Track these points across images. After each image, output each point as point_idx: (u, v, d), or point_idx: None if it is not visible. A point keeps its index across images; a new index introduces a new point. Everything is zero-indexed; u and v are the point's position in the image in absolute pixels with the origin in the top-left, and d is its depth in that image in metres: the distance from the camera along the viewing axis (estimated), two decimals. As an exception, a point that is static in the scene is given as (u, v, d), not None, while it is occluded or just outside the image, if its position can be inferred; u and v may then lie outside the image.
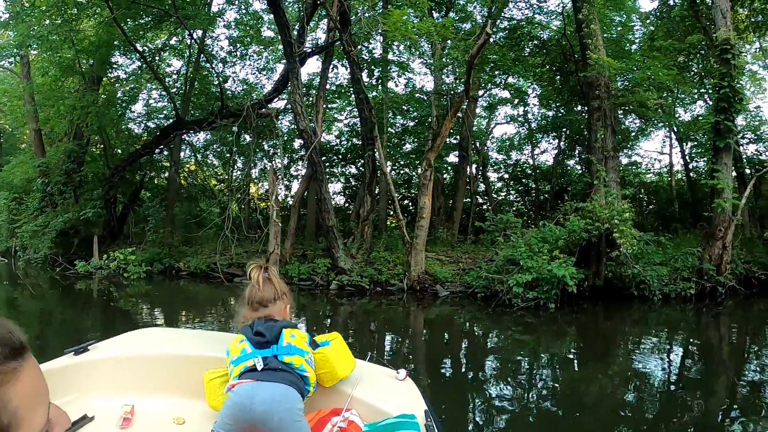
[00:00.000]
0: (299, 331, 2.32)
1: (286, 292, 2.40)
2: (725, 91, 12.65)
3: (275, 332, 2.21)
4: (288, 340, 2.20)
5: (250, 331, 2.24)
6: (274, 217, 12.52)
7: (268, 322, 2.26)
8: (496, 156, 23.64)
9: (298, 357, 2.17)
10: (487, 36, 10.12)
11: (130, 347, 2.66)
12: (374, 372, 2.55)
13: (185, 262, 16.69)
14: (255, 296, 2.33)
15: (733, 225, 12.84)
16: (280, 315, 2.32)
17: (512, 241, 11.70)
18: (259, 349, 2.17)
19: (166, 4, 14.02)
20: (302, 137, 12.90)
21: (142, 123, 21.40)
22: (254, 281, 2.37)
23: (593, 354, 8.61)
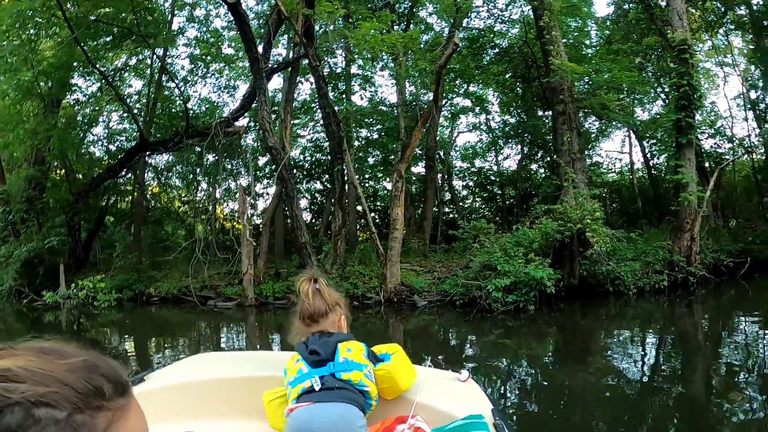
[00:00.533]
0: (355, 343, 2.20)
1: (339, 302, 2.26)
2: (685, 89, 12.99)
3: (330, 349, 2.10)
4: (344, 355, 2.10)
5: (305, 349, 2.15)
6: (247, 237, 12.17)
7: (323, 337, 2.15)
8: (460, 164, 23.80)
9: (356, 372, 2.08)
10: (455, 46, 10.13)
11: (187, 374, 2.61)
12: (435, 376, 2.48)
13: (156, 288, 16.11)
14: (306, 311, 2.20)
15: (699, 217, 13.15)
16: (334, 327, 2.20)
17: (487, 247, 11.64)
18: (315, 368, 2.09)
19: (128, 23, 13.62)
20: (271, 154, 12.62)
21: (103, 146, 20.75)
22: (304, 295, 2.22)
23: (576, 351, 8.66)
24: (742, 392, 5.62)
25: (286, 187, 12.71)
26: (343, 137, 12.62)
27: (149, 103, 18.15)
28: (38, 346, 0.65)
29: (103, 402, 0.63)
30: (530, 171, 22.23)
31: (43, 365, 0.61)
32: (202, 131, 14.02)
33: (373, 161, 20.99)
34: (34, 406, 0.57)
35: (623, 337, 9.49)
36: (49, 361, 0.62)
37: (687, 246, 13.18)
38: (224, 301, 14.56)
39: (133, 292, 16.23)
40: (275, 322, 13.03)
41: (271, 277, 14.11)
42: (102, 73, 15.72)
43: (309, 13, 10.83)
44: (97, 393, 0.62)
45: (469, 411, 1.99)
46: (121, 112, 20.03)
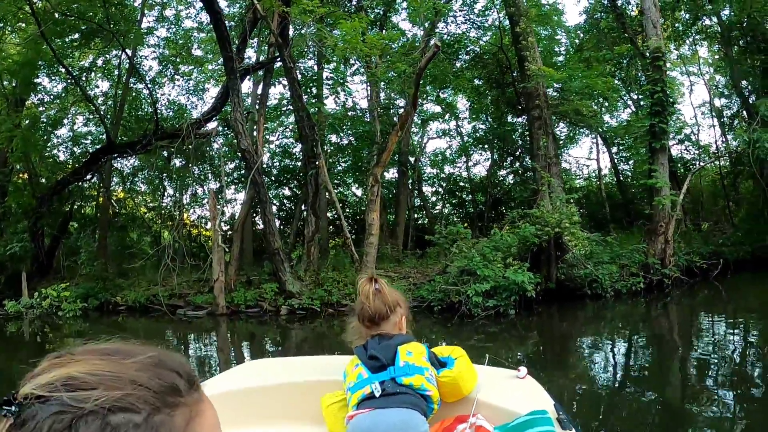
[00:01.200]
0: (416, 344, 2.10)
1: (399, 302, 2.18)
2: (659, 96, 13.04)
3: (390, 353, 2.02)
4: (405, 359, 2.01)
5: (364, 353, 2.07)
6: (219, 243, 11.59)
7: (383, 340, 2.07)
8: (430, 170, 23.57)
9: (417, 376, 1.98)
10: (436, 48, 9.84)
11: (241, 381, 2.51)
12: (494, 374, 2.42)
13: (122, 296, 15.31)
14: (366, 312, 2.12)
15: (673, 220, 13.21)
16: (394, 329, 2.12)
17: (464, 252, 11.35)
18: (375, 374, 2.00)
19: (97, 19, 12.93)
20: (243, 157, 12.09)
21: (68, 149, 19.80)
22: (364, 296, 2.15)
23: (557, 354, 8.58)
24: (715, 391, 5.71)
25: (258, 191, 12.19)
26: (317, 140, 12.19)
27: (116, 105, 17.38)
28: (100, 348, 0.61)
29: (179, 398, 0.59)
30: (500, 177, 22.19)
31: (110, 367, 0.57)
32: (172, 133, 13.39)
33: (342, 167, 20.57)
34: (110, 412, 0.53)
35: (602, 339, 9.52)
36: (115, 363, 0.58)
37: (661, 249, 13.21)
38: (194, 309, 13.91)
39: (99, 301, 15.41)
40: (247, 330, 12.50)
41: (243, 285, 13.52)
42: (69, 71, 14.93)
43: (286, 11, 10.38)
44: (172, 390, 0.59)
45: (531, 407, 1.94)
46: (87, 114, 19.19)
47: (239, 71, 11.97)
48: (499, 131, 18.40)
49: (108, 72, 18.48)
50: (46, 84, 17.90)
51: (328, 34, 10.19)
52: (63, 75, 16.95)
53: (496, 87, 15.41)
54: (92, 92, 19.23)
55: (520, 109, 15.31)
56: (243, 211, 12.97)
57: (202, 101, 19.03)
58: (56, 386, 0.54)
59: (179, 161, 16.94)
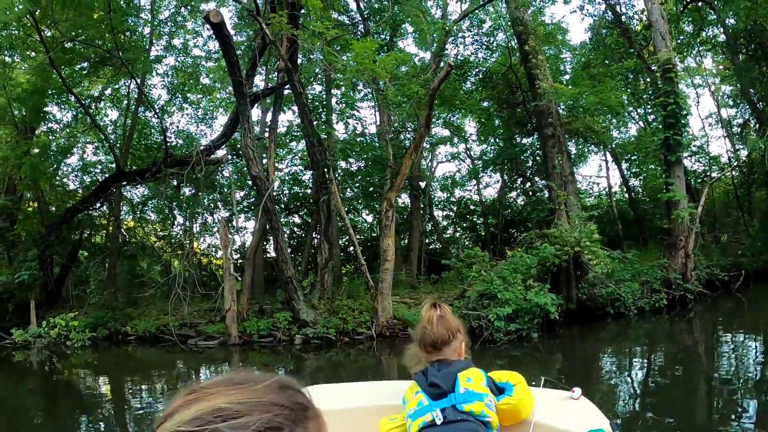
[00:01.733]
0: (475, 371, 2.08)
1: (460, 328, 2.18)
2: (672, 108, 12.73)
3: (450, 380, 2.00)
4: (465, 386, 1.99)
5: (424, 380, 2.05)
6: (231, 271, 11.18)
7: (442, 367, 2.05)
8: (440, 194, 23.18)
9: (477, 403, 1.96)
10: (449, 68, 9.55)
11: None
12: (549, 396, 2.39)
13: (132, 326, 14.87)
14: (428, 338, 2.09)
15: (693, 233, 12.76)
16: (454, 355, 2.11)
17: (483, 275, 10.89)
18: (436, 401, 1.99)
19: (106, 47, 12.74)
20: (255, 183, 11.74)
21: (78, 177, 19.56)
22: (427, 321, 2.12)
23: (584, 377, 8.16)
24: (744, 415, 5.48)
25: (270, 219, 11.81)
26: (328, 165, 11.85)
27: (125, 133, 17.15)
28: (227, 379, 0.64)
29: (308, 413, 0.65)
30: (510, 199, 21.79)
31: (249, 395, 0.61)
32: (182, 160, 13.08)
33: (351, 194, 20.25)
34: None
35: (629, 359, 9.23)
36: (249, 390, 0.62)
37: (682, 263, 12.78)
38: (205, 339, 13.45)
39: (108, 330, 14.98)
40: (261, 360, 12.03)
41: (255, 314, 13.06)
42: (78, 99, 14.71)
43: (295, 35, 10.11)
44: (302, 406, 0.65)
45: (587, 427, 1.92)
46: (96, 143, 18.97)
47: (249, 97, 11.68)
48: (509, 152, 18.03)
49: (117, 100, 18.30)
50: (56, 112, 17.75)
51: (337, 58, 9.90)
52: (72, 103, 16.79)
53: (506, 107, 15.07)
54: (102, 121, 19.11)
55: (530, 129, 14.96)
56: (255, 239, 12.58)
57: (211, 129, 18.87)
58: (207, 419, 0.57)
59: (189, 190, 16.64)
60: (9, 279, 15.95)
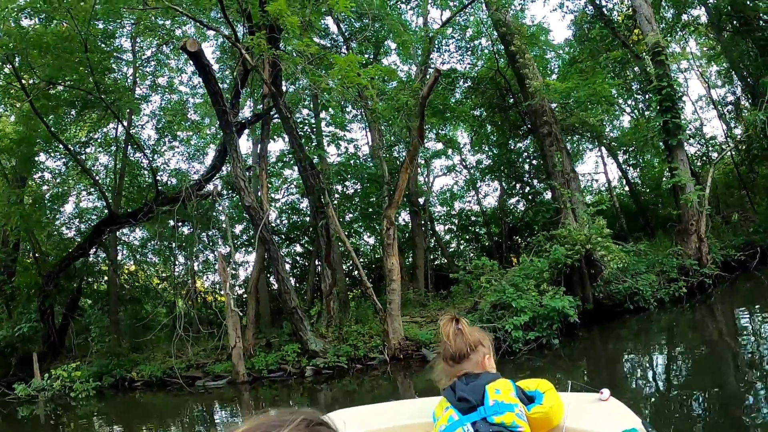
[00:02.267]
0: (503, 382, 1.98)
1: (482, 341, 2.07)
2: (667, 91, 12.25)
3: (479, 393, 1.93)
4: (494, 398, 1.91)
5: (452, 395, 1.98)
6: (232, 307, 10.55)
7: (470, 381, 1.98)
8: (440, 209, 22.51)
9: (508, 414, 1.88)
10: (437, 73, 9.06)
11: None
12: (577, 399, 2.30)
13: (138, 371, 14.18)
14: (447, 352, 2.04)
15: (703, 216, 12.15)
16: (478, 367, 2.01)
17: (494, 285, 10.27)
18: (466, 415, 1.91)
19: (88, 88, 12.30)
20: (249, 214, 11.18)
21: (74, 225, 19.02)
22: (445, 336, 2.06)
23: (612, 380, 7.67)
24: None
25: (268, 249, 11.22)
26: (323, 189, 11.31)
27: (116, 176, 16.65)
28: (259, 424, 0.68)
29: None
30: (511, 205, 21.21)
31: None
32: (173, 197, 12.54)
33: (350, 218, 19.63)
34: None
35: (656, 355, 8.79)
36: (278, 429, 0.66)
37: (696, 248, 12.17)
38: (213, 379, 12.77)
39: (114, 378, 14.30)
40: (271, 396, 11.35)
41: (262, 349, 12.40)
42: (66, 146, 14.23)
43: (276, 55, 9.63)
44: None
45: (619, 428, 1.86)
46: (90, 189, 18.48)
47: (234, 125, 11.17)
48: (505, 157, 17.47)
49: (107, 144, 17.84)
50: (47, 161, 17.31)
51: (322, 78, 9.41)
52: (62, 150, 16.38)
53: (498, 112, 14.54)
54: (93, 165, 18.65)
55: (525, 132, 14.45)
56: (255, 271, 11.98)
57: (203, 165, 18.39)
58: None
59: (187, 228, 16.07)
60: (9, 333, 15.34)
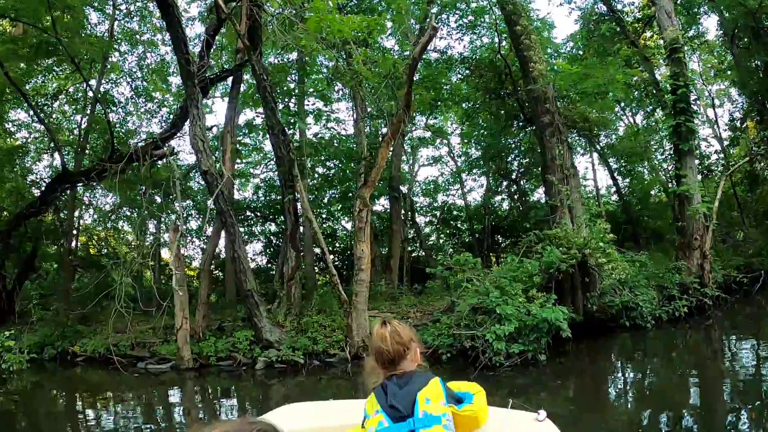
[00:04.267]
0: (434, 386, 1.86)
1: (413, 337, 2.00)
2: (683, 91, 10.51)
3: (409, 402, 1.82)
4: (423, 408, 1.81)
5: (384, 398, 1.88)
6: (180, 283, 8.59)
7: (402, 384, 1.87)
8: (422, 200, 20.57)
9: (436, 427, 1.78)
10: (433, 31, 7.21)
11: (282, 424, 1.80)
12: (515, 417, 2.20)
13: (81, 345, 12.16)
14: (386, 357, 1.93)
15: (710, 231, 10.45)
16: (412, 364, 1.95)
17: (476, 285, 8.44)
18: (395, 424, 1.82)
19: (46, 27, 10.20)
20: (205, 180, 9.22)
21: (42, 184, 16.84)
22: (381, 340, 1.95)
23: (604, 405, 6.39)
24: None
25: (225, 221, 9.28)
26: (294, 160, 9.36)
27: (81, 133, 14.53)
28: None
29: None
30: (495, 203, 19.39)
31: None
32: (129, 156, 10.49)
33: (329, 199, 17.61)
34: None
35: (653, 380, 7.27)
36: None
37: (698, 265, 10.45)
38: (158, 362, 10.83)
39: (56, 350, 12.29)
40: (217, 387, 9.47)
41: (213, 333, 10.47)
42: (23, 94, 12.06)
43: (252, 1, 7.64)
44: None
45: None
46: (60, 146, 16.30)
47: (199, 78, 9.15)
48: (496, 148, 15.59)
49: (73, 101, 15.65)
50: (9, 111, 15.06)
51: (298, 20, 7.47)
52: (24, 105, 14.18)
53: (495, 98, 12.64)
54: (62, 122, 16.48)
55: (522, 122, 12.58)
56: (211, 245, 10.04)
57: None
58: None
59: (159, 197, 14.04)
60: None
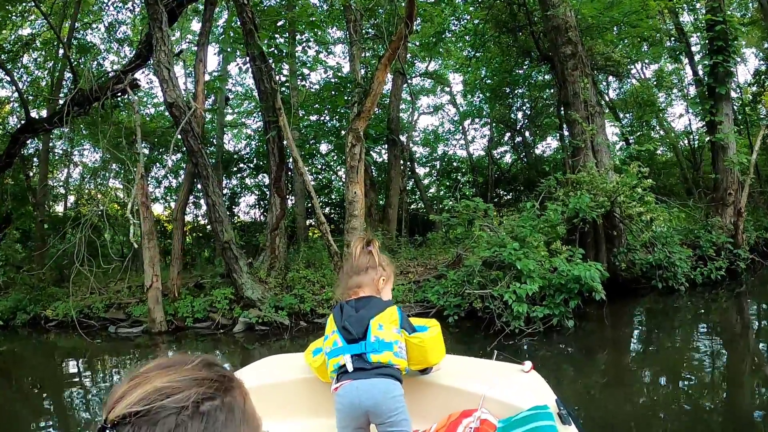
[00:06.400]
0: (389, 313, 1.80)
1: (384, 266, 1.92)
2: (721, 28, 8.59)
3: (362, 327, 1.78)
4: (376, 334, 1.76)
5: (339, 317, 1.84)
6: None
7: (359, 307, 1.82)
8: (422, 150, 18.59)
9: (386, 353, 1.76)
10: None
11: (256, 376, 2.22)
12: (500, 368, 2.10)
13: (54, 309, 10.54)
14: (350, 264, 1.95)
15: (746, 186, 8.71)
16: (371, 286, 1.87)
17: (490, 235, 6.73)
18: (348, 345, 1.78)
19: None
20: (171, 114, 7.40)
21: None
22: (354, 250, 1.96)
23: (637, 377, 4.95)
24: None
25: (196, 163, 7.49)
26: (276, 90, 7.49)
27: (52, 79, 12.53)
28: (159, 364, 0.66)
29: (233, 383, 0.67)
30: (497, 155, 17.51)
31: (182, 374, 0.63)
32: (90, 94, 8.60)
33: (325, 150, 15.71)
34: (200, 404, 0.60)
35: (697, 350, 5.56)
36: (180, 370, 0.64)
37: (731, 223, 8.74)
38: (132, 324, 9.26)
39: (29, 315, 10.69)
40: (192, 353, 7.84)
41: (190, 291, 8.82)
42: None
43: None
44: (227, 378, 0.67)
45: (534, 402, 1.73)
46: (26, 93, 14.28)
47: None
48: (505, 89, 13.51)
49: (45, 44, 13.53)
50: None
51: None
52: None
53: (506, 32, 10.63)
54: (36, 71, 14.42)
55: (538, 57, 10.61)
56: (183, 192, 8.29)
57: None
58: (152, 398, 0.59)
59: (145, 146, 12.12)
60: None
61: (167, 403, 0.57)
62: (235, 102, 15.87)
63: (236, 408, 0.63)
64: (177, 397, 0.58)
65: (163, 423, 0.56)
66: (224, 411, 0.61)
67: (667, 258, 7.20)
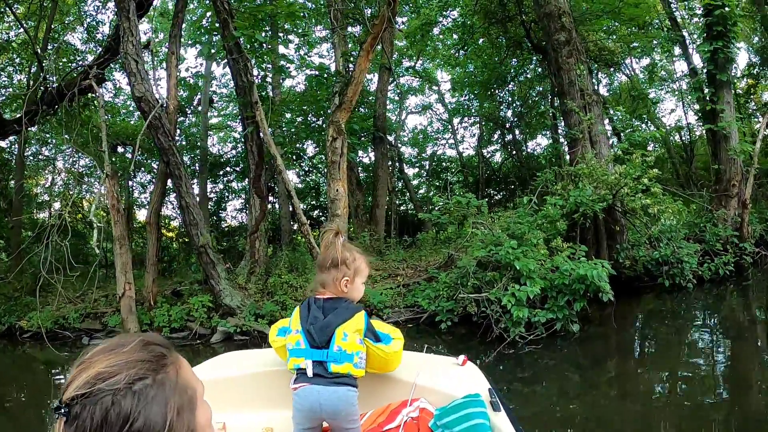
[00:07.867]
0: (355, 322, 1.73)
1: (348, 263, 1.77)
2: (720, 12, 7.97)
3: (326, 336, 1.71)
4: (339, 344, 1.71)
5: (306, 317, 1.74)
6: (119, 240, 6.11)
7: (327, 311, 1.73)
8: (410, 151, 17.79)
9: (346, 365, 1.72)
10: None
11: (214, 371, 2.17)
12: (435, 361, 2.15)
13: (29, 319, 9.73)
14: (318, 258, 1.86)
15: (751, 176, 8.09)
16: (333, 286, 1.76)
17: (483, 233, 6.03)
18: (311, 349, 1.72)
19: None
20: (140, 108, 6.66)
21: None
22: (322, 244, 1.87)
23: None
24: None
25: (167, 160, 6.73)
26: (253, 83, 6.76)
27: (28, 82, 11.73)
28: (102, 348, 0.72)
29: (166, 360, 0.72)
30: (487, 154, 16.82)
31: (119, 357, 0.69)
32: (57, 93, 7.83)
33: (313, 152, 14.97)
34: (132, 384, 0.66)
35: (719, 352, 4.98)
36: (119, 353, 0.69)
37: (736, 215, 8.10)
38: (107, 335, 8.47)
39: (3, 325, 9.87)
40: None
41: (168, 299, 8.03)
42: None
43: None
44: (161, 356, 0.72)
45: (467, 391, 1.77)
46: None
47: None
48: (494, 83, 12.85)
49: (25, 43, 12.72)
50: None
51: None
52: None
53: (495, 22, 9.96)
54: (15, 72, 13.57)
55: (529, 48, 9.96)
56: (156, 193, 7.54)
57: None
58: (92, 383, 0.65)
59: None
60: None
61: (104, 386, 0.65)
62: (219, 105, 15.12)
63: (167, 383, 0.69)
64: (112, 380, 0.65)
65: (102, 402, 0.64)
66: (155, 387, 0.67)
67: (674, 253, 6.54)
